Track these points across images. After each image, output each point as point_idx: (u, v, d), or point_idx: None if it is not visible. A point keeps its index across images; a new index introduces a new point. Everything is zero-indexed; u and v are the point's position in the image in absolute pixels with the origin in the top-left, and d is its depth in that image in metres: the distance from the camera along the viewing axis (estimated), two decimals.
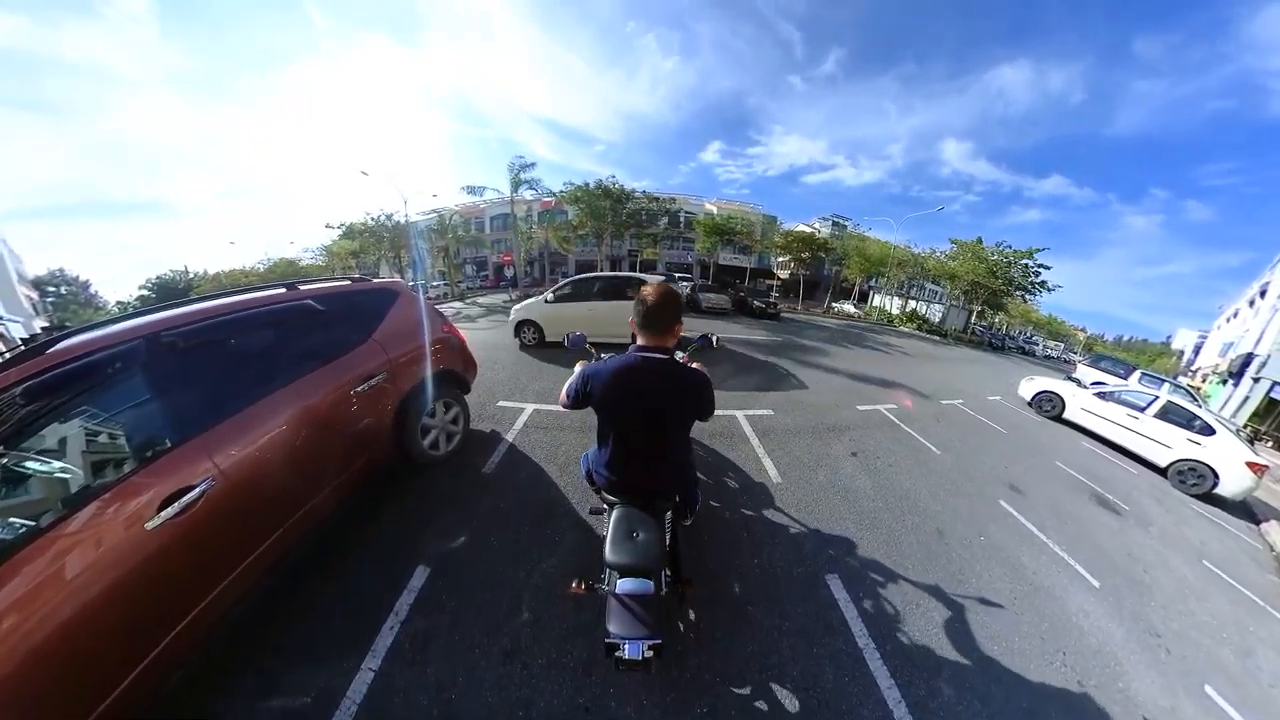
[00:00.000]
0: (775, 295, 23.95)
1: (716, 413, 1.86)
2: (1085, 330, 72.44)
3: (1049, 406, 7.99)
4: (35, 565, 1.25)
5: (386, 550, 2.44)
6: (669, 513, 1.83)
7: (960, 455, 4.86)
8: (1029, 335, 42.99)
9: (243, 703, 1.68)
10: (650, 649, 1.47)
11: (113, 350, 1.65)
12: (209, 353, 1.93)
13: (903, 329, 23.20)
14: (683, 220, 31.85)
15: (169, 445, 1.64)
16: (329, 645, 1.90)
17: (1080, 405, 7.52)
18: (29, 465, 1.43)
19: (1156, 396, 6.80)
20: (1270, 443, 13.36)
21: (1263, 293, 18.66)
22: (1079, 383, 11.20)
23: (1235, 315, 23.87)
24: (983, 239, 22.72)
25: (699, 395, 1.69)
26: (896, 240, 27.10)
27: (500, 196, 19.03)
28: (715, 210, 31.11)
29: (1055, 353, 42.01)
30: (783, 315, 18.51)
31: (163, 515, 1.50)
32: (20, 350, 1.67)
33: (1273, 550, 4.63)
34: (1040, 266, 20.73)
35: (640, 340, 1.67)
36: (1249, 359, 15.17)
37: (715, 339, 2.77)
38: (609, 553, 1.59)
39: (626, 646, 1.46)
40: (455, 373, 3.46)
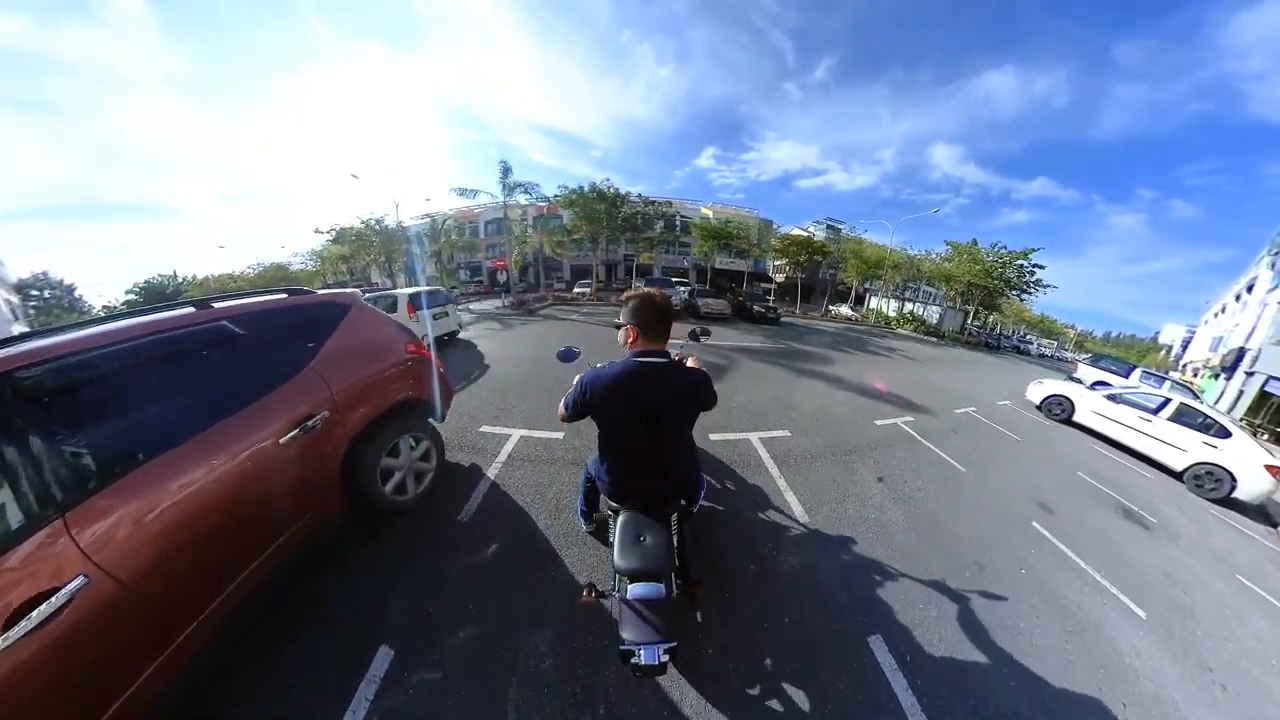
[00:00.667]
0: (772, 299, 23.97)
1: (729, 437, 1.82)
2: (1076, 328, 73.48)
3: (1059, 410, 7.98)
4: None
5: (339, 630, 2.02)
6: (675, 515, 1.84)
7: (983, 470, 4.78)
8: (1022, 334, 43.45)
9: None
10: (665, 653, 1.46)
11: None
12: (78, 399, 1.47)
13: (901, 331, 23.34)
14: (679, 225, 31.86)
15: (19, 532, 1.22)
16: None
17: (1090, 408, 7.51)
18: None
19: (1169, 399, 6.79)
20: (1266, 436, 13.53)
21: (1250, 288, 19.00)
22: (1080, 382, 11.29)
23: (1223, 310, 24.29)
24: (977, 240, 22.94)
25: (701, 394, 1.72)
26: (893, 243, 27.30)
27: (493, 200, 18.77)
28: (711, 214, 31.19)
29: (1049, 351, 42.26)
30: (782, 319, 18.53)
31: (11, 634, 1.12)
32: None
33: None
34: (1035, 266, 20.95)
35: (639, 345, 1.66)
36: (1241, 354, 15.39)
37: (699, 331, 2.94)
38: (617, 559, 1.58)
39: (642, 652, 1.45)
40: (424, 400, 2.96)
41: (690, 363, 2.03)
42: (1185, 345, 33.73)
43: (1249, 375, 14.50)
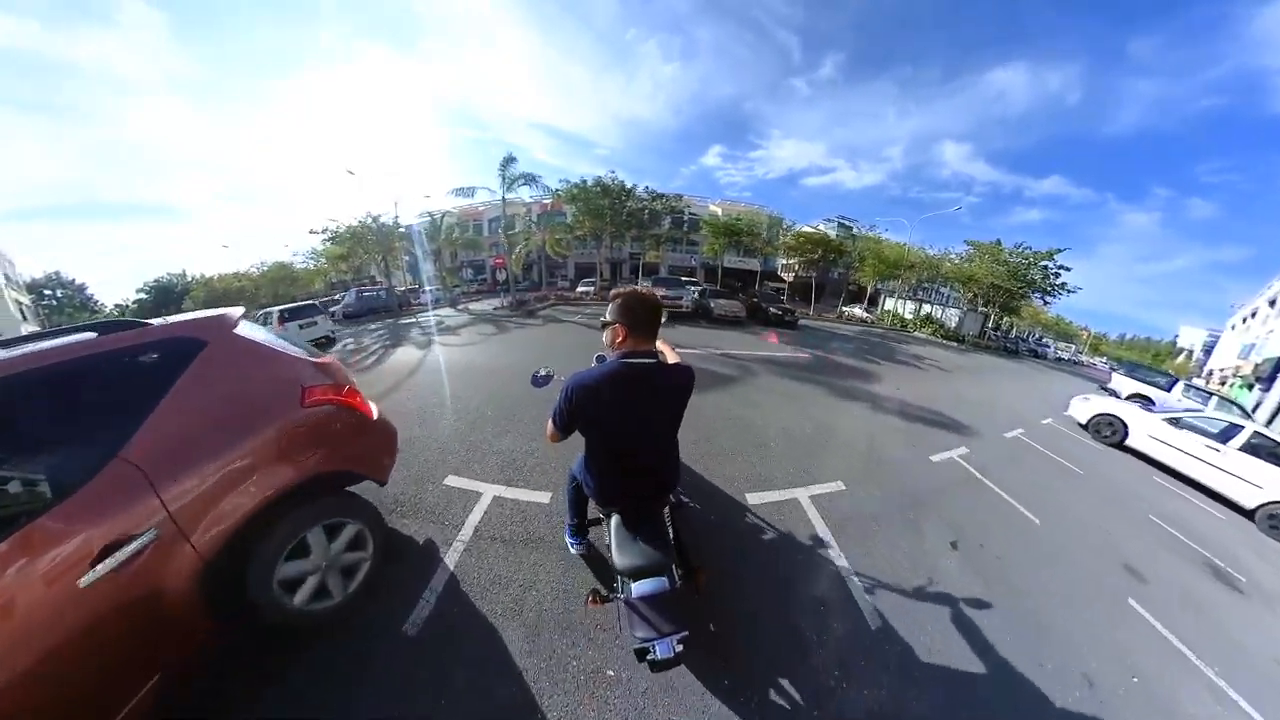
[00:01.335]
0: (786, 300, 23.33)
1: (773, 497, 1.79)
2: (1088, 329, 72.01)
3: (1109, 432, 7.45)
4: None
5: None
6: (666, 508, 1.88)
7: (1057, 521, 4.29)
8: (1038, 337, 42.30)
9: None
10: (679, 643, 1.50)
11: None
12: None
13: (918, 334, 22.69)
14: (686, 222, 31.10)
15: None
16: None
17: (1148, 432, 6.95)
18: None
19: (1240, 426, 6.25)
20: None
21: None
22: (1115, 394, 10.70)
23: (1254, 315, 23.42)
24: (1001, 240, 22.18)
25: (684, 393, 1.71)
26: (911, 242, 26.53)
27: (493, 196, 18.11)
28: (720, 212, 30.37)
29: (1067, 355, 40.91)
30: (799, 323, 17.89)
31: None
32: None
33: None
34: (1061, 268, 20.23)
35: (628, 345, 1.59)
36: None
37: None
38: (617, 560, 1.60)
39: (656, 647, 1.47)
40: (345, 472, 2.15)
41: (671, 358, 1.93)
42: (1208, 351, 32.76)
43: None
